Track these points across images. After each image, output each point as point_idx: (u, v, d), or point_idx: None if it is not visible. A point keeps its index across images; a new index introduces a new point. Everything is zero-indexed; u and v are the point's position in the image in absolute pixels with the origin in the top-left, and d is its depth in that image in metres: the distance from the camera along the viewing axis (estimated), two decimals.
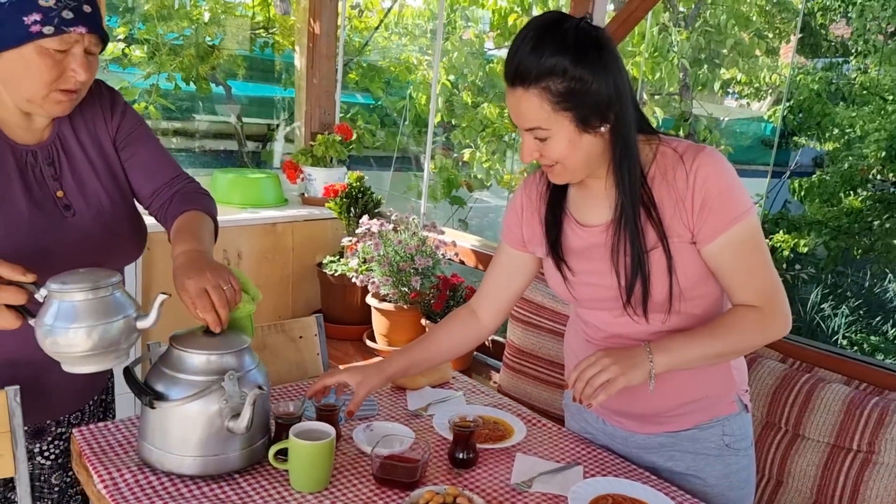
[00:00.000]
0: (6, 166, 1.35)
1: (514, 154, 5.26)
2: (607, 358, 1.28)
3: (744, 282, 1.33)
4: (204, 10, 3.86)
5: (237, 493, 1.29)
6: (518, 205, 1.55)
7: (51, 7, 1.25)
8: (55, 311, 1.18)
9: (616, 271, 1.36)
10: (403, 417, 1.64)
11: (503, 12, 5.48)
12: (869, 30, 7.97)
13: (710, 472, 1.47)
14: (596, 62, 1.24)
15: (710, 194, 1.29)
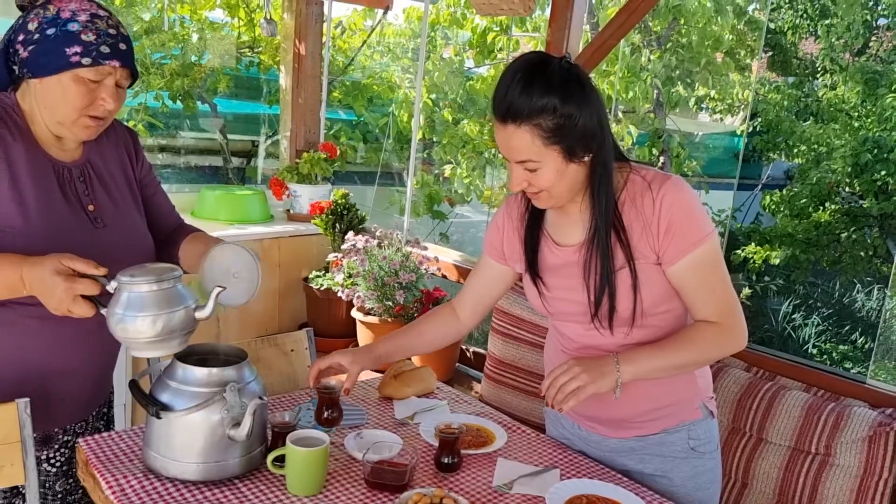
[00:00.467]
0: (48, 179, 1.48)
1: (493, 170, 5.39)
2: (578, 367, 1.39)
3: (704, 299, 1.44)
4: (192, 30, 3.95)
5: (238, 497, 1.38)
6: (500, 223, 1.67)
7: (91, 42, 1.41)
8: (125, 301, 1.30)
9: (587, 287, 1.48)
10: (391, 426, 1.73)
11: (482, 31, 5.64)
12: (834, 49, 8.23)
13: (678, 473, 1.58)
14: (581, 99, 1.36)
15: (675, 220, 1.41)
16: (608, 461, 1.64)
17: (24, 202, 1.42)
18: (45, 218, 1.44)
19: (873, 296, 8.26)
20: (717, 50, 6.24)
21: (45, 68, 1.41)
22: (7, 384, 1.47)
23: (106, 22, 1.45)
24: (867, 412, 1.93)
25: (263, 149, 5.02)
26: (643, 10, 2.44)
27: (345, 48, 4.86)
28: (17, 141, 1.45)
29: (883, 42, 8.87)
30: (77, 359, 1.56)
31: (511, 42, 5.74)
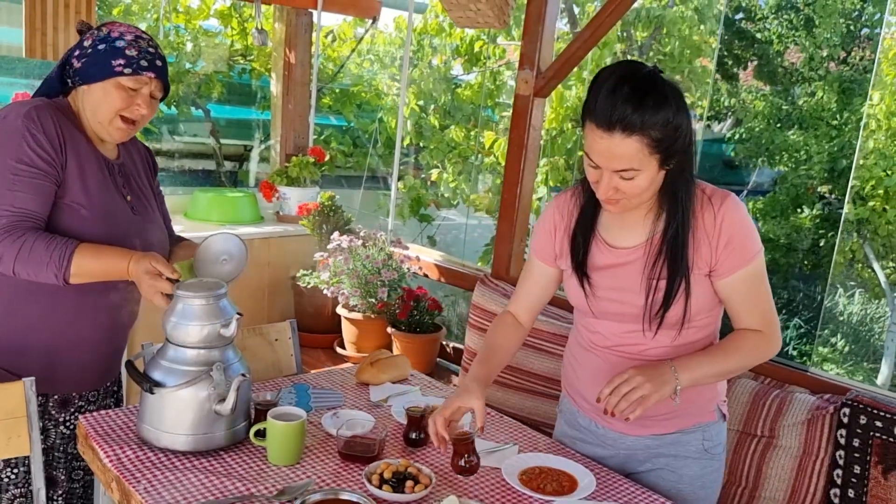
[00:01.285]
0: (101, 169, 1.74)
1: (478, 174, 5.56)
2: (640, 376, 1.42)
3: (750, 310, 1.52)
4: (186, 39, 4.10)
5: (223, 465, 1.53)
6: (550, 223, 1.68)
7: (133, 56, 1.67)
8: (181, 311, 1.55)
9: (646, 291, 1.52)
10: (366, 407, 1.88)
11: (469, 40, 5.80)
12: (814, 59, 8.41)
13: (687, 472, 1.64)
14: (685, 113, 1.41)
15: (734, 236, 1.47)
16: (614, 458, 1.69)
17: (87, 185, 1.68)
18: (100, 200, 1.70)
19: (854, 299, 8.45)
20: (698, 57, 6.41)
21: (95, 76, 1.67)
22: (36, 348, 1.69)
23: (147, 42, 1.71)
24: (807, 398, 2.09)
25: (257, 153, 5.17)
26: (610, 23, 2.60)
27: (334, 56, 5.03)
28: (81, 135, 1.71)
29: (865, 51, 9.07)
30: (98, 330, 1.77)
31: (497, 50, 5.90)
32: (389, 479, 1.47)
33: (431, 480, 1.48)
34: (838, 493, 1.99)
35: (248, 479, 1.49)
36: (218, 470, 1.51)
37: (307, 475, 1.52)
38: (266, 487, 1.46)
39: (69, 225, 1.65)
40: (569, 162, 5.23)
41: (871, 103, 6.63)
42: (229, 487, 1.45)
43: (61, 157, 1.63)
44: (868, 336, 8.50)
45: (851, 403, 1.98)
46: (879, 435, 1.92)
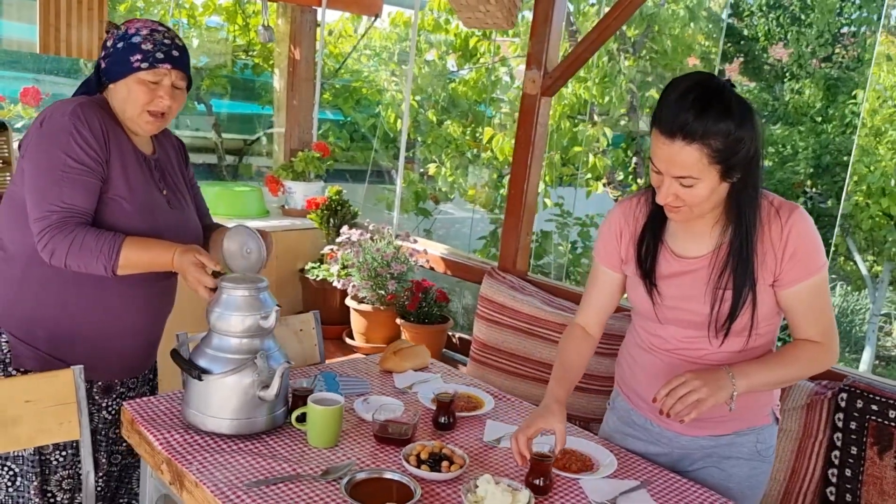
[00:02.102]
0: (140, 164, 1.80)
1: (475, 169, 5.66)
2: (697, 380, 1.45)
3: (811, 321, 1.55)
4: (191, 35, 4.15)
5: (267, 448, 1.62)
6: (617, 229, 1.70)
7: (148, 50, 1.72)
8: (225, 301, 1.63)
9: (711, 301, 1.55)
10: (392, 393, 1.98)
11: (464, 36, 5.88)
12: (803, 56, 8.59)
13: (737, 472, 1.67)
14: (749, 126, 1.42)
15: (800, 248, 1.50)
16: (668, 455, 1.73)
17: (129, 180, 1.75)
18: (141, 194, 1.78)
19: (836, 292, 8.65)
20: (689, 55, 6.54)
21: (117, 74, 1.73)
22: (84, 337, 1.77)
23: (163, 35, 1.75)
24: (806, 384, 2.21)
25: (259, 147, 5.23)
26: (616, 26, 2.70)
27: (336, 53, 5.08)
28: (120, 132, 1.77)
29: (848, 49, 9.26)
30: (141, 319, 1.86)
31: (493, 46, 5.99)
32: (426, 460, 1.56)
33: (465, 461, 1.58)
34: (836, 473, 2.12)
35: (291, 461, 1.57)
36: (263, 452, 1.60)
37: (347, 457, 1.61)
38: (311, 468, 1.55)
39: (113, 218, 1.72)
40: (564, 158, 5.35)
41: (856, 101, 6.79)
42: (276, 468, 1.54)
43: (106, 153, 1.70)
44: (850, 327, 8.72)
45: (848, 389, 2.10)
46: (875, 418, 2.05)
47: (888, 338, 8.86)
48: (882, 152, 6.64)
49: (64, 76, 4.00)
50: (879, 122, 6.55)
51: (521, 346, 2.84)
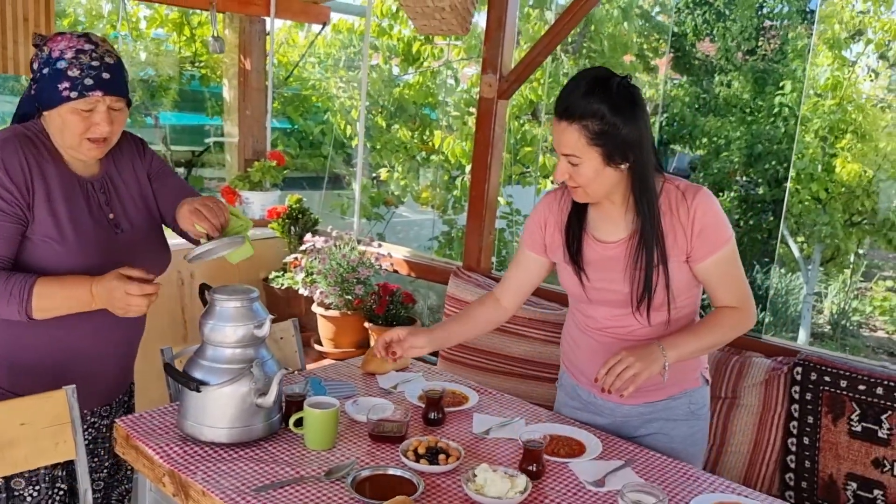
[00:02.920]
0: (75, 193, 1.71)
1: (425, 171, 5.73)
2: (631, 356, 1.58)
3: (726, 290, 1.70)
4: (140, 49, 4.10)
5: (266, 453, 1.66)
6: (542, 217, 1.86)
7: (76, 77, 1.60)
8: (218, 313, 1.66)
9: (630, 279, 1.70)
10: (379, 394, 2.03)
11: (407, 40, 5.95)
12: (730, 50, 8.95)
13: (677, 433, 1.83)
14: (628, 114, 1.57)
15: (706, 225, 1.65)
16: (612, 425, 1.87)
17: (56, 215, 1.66)
18: (74, 228, 1.68)
19: (770, 274, 9.04)
20: (625, 53, 6.76)
21: (47, 103, 1.63)
22: (46, 368, 1.71)
23: (90, 55, 1.61)
24: (763, 361, 2.36)
25: (208, 158, 5.19)
26: (566, 31, 2.81)
27: (284, 62, 5.08)
28: (50, 162, 1.68)
29: (771, 42, 9.69)
30: (106, 346, 1.80)
31: (436, 50, 6.07)
32: (424, 454, 1.63)
33: (461, 453, 1.65)
34: (795, 442, 2.27)
35: (293, 464, 1.62)
36: (263, 458, 1.64)
37: (346, 457, 1.66)
38: (313, 470, 1.60)
39: (44, 261, 1.64)
40: (515, 157, 5.47)
41: (784, 92, 7.14)
42: (279, 472, 1.58)
43: (28, 195, 1.61)
44: (785, 307, 9.12)
45: (803, 363, 2.26)
46: (828, 388, 2.21)
47: (820, 315, 9.31)
48: (808, 139, 6.99)
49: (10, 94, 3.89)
50: (806, 111, 6.91)
51: (491, 342, 2.93)
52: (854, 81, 6.74)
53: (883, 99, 7.23)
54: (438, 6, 2.75)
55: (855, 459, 2.15)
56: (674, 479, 1.66)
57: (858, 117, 6.44)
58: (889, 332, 8.02)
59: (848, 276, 8.62)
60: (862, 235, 7.31)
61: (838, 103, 6.50)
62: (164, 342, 2.38)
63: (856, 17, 6.77)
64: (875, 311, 7.93)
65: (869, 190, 6.40)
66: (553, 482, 1.61)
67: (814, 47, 7.03)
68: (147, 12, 4.23)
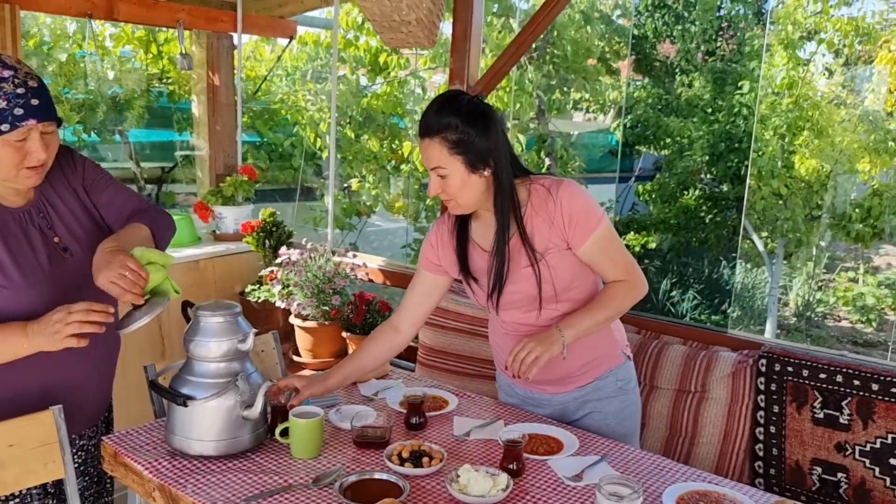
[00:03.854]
0: (11, 229, 1.66)
1: (395, 180, 5.79)
2: (531, 342, 1.74)
3: (611, 266, 1.84)
4: (106, 67, 4.10)
5: (254, 464, 1.70)
6: (434, 240, 2.00)
7: (3, 108, 1.52)
8: (202, 329, 1.70)
9: (517, 280, 1.83)
10: (360, 402, 2.09)
11: (374, 51, 6.01)
12: (689, 51, 9.15)
13: (609, 409, 1.96)
14: (479, 124, 1.72)
15: (574, 213, 1.79)
16: (553, 414, 2.00)
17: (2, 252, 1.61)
18: (18, 267, 1.64)
19: (736, 269, 9.25)
20: (588, 57, 6.89)
21: None
22: (33, 398, 1.71)
23: (12, 83, 1.53)
24: (730, 354, 2.46)
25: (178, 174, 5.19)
26: (531, 41, 2.89)
27: (252, 76, 5.10)
28: None
29: (729, 43, 9.93)
30: (91, 368, 1.82)
31: (402, 59, 6.14)
32: (408, 458, 1.69)
33: (444, 455, 1.71)
34: (762, 431, 2.37)
35: (280, 473, 1.66)
36: (251, 468, 1.68)
37: (332, 464, 1.71)
38: (301, 477, 1.64)
39: None
40: None
41: (742, 92, 7.33)
42: (267, 482, 1.63)
43: None
44: (752, 301, 9.33)
45: (767, 355, 2.36)
46: (791, 378, 2.31)
47: (786, 308, 9.54)
48: (768, 137, 7.18)
49: None
50: (764, 110, 7.10)
51: (467, 346, 2.99)
52: (809, 80, 6.95)
53: (838, 96, 7.46)
54: (405, 20, 2.81)
55: (819, 445, 2.26)
56: (648, 470, 1.73)
57: (815, 114, 6.65)
58: (853, 321, 8.25)
59: (811, 268, 8.85)
60: (822, 229, 7.53)
61: (795, 101, 6.70)
62: (143, 359, 2.40)
63: (809, 18, 6.98)
64: (839, 301, 8.15)
65: (827, 184, 6.60)
66: (533, 479, 1.67)
67: (769, 47, 7.23)
68: (113, 30, 4.23)
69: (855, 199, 6.75)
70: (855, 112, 7.19)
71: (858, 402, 2.18)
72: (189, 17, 3.67)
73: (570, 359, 1.86)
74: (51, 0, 3.19)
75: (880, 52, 6.81)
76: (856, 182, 6.75)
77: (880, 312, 7.87)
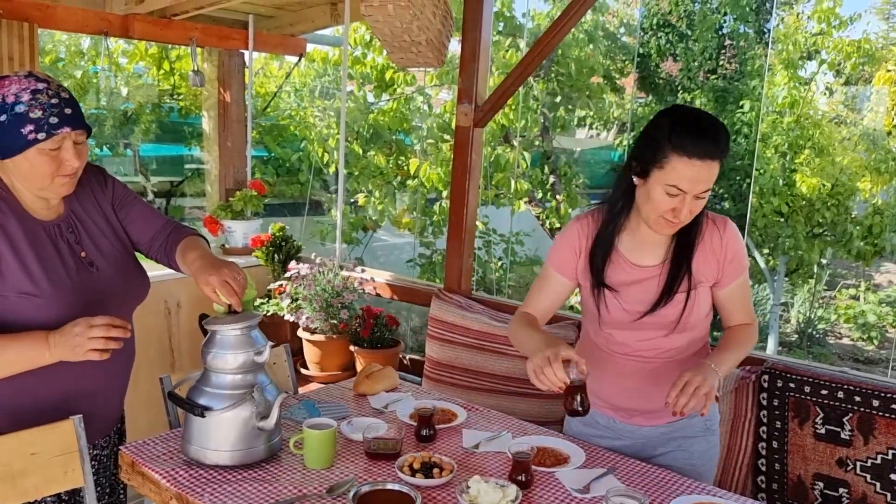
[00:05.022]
0: (42, 241, 1.72)
1: (401, 196, 5.86)
2: (698, 376, 1.65)
3: (742, 309, 1.87)
4: (121, 84, 4.18)
5: (268, 474, 1.74)
6: (577, 245, 1.89)
7: (40, 118, 1.60)
8: (219, 341, 1.73)
9: (664, 303, 1.79)
10: (371, 414, 2.13)
11: (381, 68, 6.10)
12: (692, 70, 9.24)
13: (694, 448, 1.92)
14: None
15: (734, 252, 1.81)
16: (633, 447, 1.94)
17: (27, 268, 1.67)
18: (48, 277, 1.69)
19: None
20: (592, 75, 6.97)
21: (11, 150, 1.62)
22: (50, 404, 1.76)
23: (46, 94, 1.61)
24: (733, 371, 2.49)
25: (187, 188, 5.26)
26: (538, 61, 2.96)
27: (262, 93, 5.18)
28: (9, 214, 1.68)
29: (731, 62, 10.03)
30: (107, 379, 1.86)
31: (408, 76, 6.22)
32: (419, 469, 1.73)
33: (454, 466, 1.75)
34: (765, 446, 2.40)
35: (295, 483, 1.70)
36: (266, 478, 1.72)
37: (344, 475, 1.75)
38: (315, 487, 1.68)
39: (21, 315, 1.64)
40: (490, 181, 5.62)
41: (744, 111, 7.40)
42: (282, 491, 1.67)
43: None
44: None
45: (769, 371, 2.40)
46: (793, 394, 2.35)
47: (788, 324, 9.58)
48: (769, 155, 7.25)
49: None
50: (765, 129, 7.17)
51: (474, 360, 3.04)
52: (810, 99, 7.02)
53: (838, 115, 7.53)
54: (415, 40, 2.87)
55: (821, 460, 2.29)
56: (654, 483, 1.77)
57: (815, 133, 6.71)
58: (854, 338, 8.28)
59: (812, 285, 8.89)
60: (824, 246, 7.57)
61: (796, 120, 6.76)
62: (153, 371, 2.45)
63: (810, 39, 7.06)
64: (840, 318, 8.19)
65: (828, 202, 6.66)
66: (541, 490, 1.71)
67: (770, 67, 7.31)
68: (127, 47, 4.31)
69: (856, 217, 6.80)
70: (855, 131, 7.26)
71: (859, 418, 2.22)
72: (202, 35, 3.74)
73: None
74: (68, 18, 3.26)
75: (880, 72, 6.89)
76: (857, 200, 6.81)
77: (881, 330, 7.90)
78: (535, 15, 6.58)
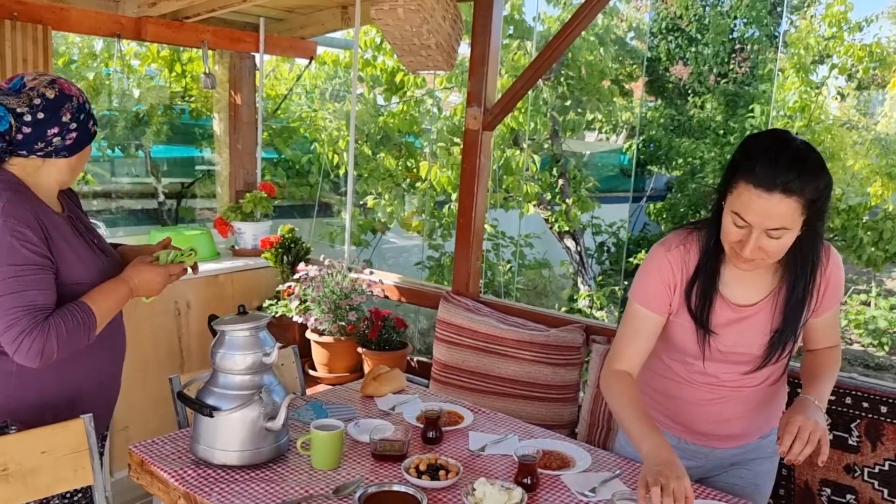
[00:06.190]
0: (67, 231, 1.80)
1: (410, 198, 5.88)
2: (808, 420, 1.57)
3: (832, 333, 1.83)
4: (133, 85, 4.22)
5: (276, 474, 1.76)
6: (671, 280, 1.72)
7: (92, 112, 1.86)
8: (227, 342, 1.78)
9: (767, 341, 1.70)
10: (378, 416, 2.14)
11: (391, 70, 6.11)
12: (703, 74, 9.22)
13: (763, 469, 1.89)
14: (830, 182, 1.54)
15: (836, 282, 1.73)
16: (703, 466, 1.88)
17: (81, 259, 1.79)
18: (86, 265, 1.80)
19: None
20: (602, 79, 6.96)
21: (81, 145, 1.82)
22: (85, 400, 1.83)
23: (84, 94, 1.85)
24: None
25: (197, 189, 5.31)
26: (548, 65, 2.97)
27: (273, 95, 5.21)
28: (49, 212, 1.76)
29: (742, 66, 10.00)
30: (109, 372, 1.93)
31: (418, 79, 6.23)
32: (425, 471, 1.74)
33: (460, 468, 1.76)
34: None
35: (302, 483, 1.72)
36: (273, 478, 1.74)
37: (351, 476, 1.76)
38: (321, 488, 1.70)
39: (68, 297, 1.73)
40: (499, 184, 5.62)
41: (754, 115, 7.37)
42: (289, 491, 1.68)
43: (47, 242, 1.69)
44: None
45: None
46: None
47: None
48: None
49: None
50: None
51: (482, 363, 3.04)
52: (821, 104, 6.99)
53: (850, 119, 7.49)
54: (425, 44, 2.88)
55: (828, 466, 2.28)
56: None
57: (827, 138, 6.68)
58: (864, 344, 8.22)
59: None
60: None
61: (807, 125, 6.73)
62: (162, 371, 2.46)
63: (821, 43, 7.04)
64: (850, 324, 8.13)
65: (839, 208, 6.62)
66: (547, 493, 1.72)
67: (782, 71, 7.28)
68: (139, 49, 4.35)
69: (867, 223, 6.76)
70: (867, 136, 7.21)
71: (867, 424, 2.22)
72: (213, 37, 3.77)
73: (753, 415, 1.82)
74: (81, 21, 3.30)
75: (894, 76, 6.85)
76: (868, 205, 6.76)
77: (892, 336, 7.84)
78: (545, 18, 6.59)
